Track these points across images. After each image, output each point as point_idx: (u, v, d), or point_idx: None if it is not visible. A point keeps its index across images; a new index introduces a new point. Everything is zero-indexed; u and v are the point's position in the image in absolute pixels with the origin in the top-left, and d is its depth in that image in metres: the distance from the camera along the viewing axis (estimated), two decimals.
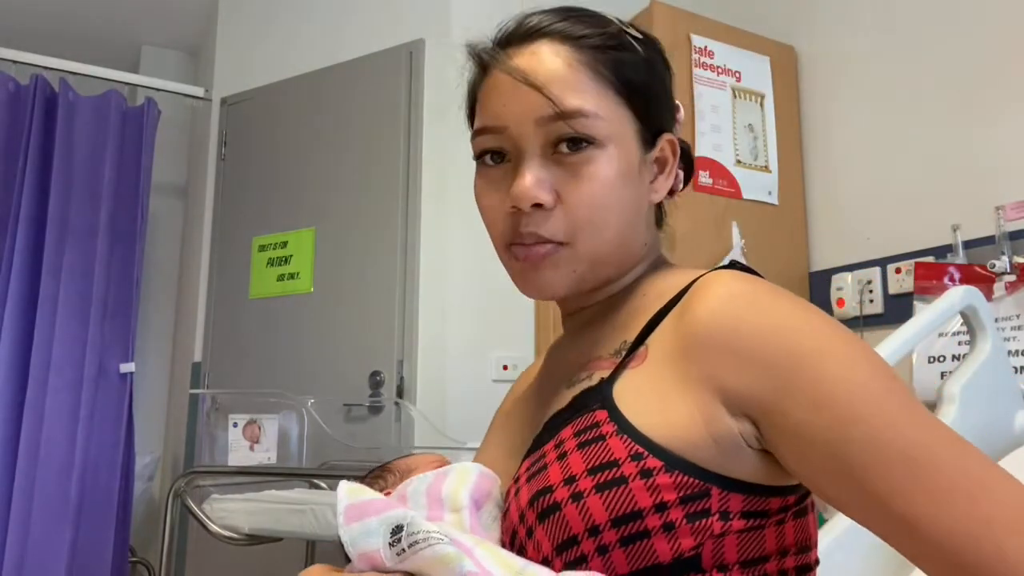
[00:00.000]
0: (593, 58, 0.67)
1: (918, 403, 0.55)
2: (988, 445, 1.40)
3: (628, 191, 0.67)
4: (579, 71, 0.66)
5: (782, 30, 2.29)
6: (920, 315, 1.44)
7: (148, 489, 2.93)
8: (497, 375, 2.28)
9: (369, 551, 0.57)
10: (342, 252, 2.50)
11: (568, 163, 0.65)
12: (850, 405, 0.53)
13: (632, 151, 0.68)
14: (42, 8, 3.14)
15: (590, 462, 0.57)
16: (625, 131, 0.67)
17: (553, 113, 0.64)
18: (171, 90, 2.92)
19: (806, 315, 0.59)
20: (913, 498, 0.51)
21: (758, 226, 2.10)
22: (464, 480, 0.65)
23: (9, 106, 2.64)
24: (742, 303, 0.59)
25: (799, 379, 0.55)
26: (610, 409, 0.60)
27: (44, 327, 2.50)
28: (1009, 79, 1.80)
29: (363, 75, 2.56)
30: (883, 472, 0.52)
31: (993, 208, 1.78)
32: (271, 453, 2.27)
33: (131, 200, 2.70)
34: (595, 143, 0.65)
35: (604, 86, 0.66)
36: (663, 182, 0.72)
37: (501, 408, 0.89)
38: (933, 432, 0.53)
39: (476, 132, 0.71)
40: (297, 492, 1.98)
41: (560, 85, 0.65)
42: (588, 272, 0.68)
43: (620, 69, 0.67)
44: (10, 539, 2.32)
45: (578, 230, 0.65)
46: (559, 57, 0.66)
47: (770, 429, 0.56)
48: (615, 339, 0.68)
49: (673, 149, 0.72)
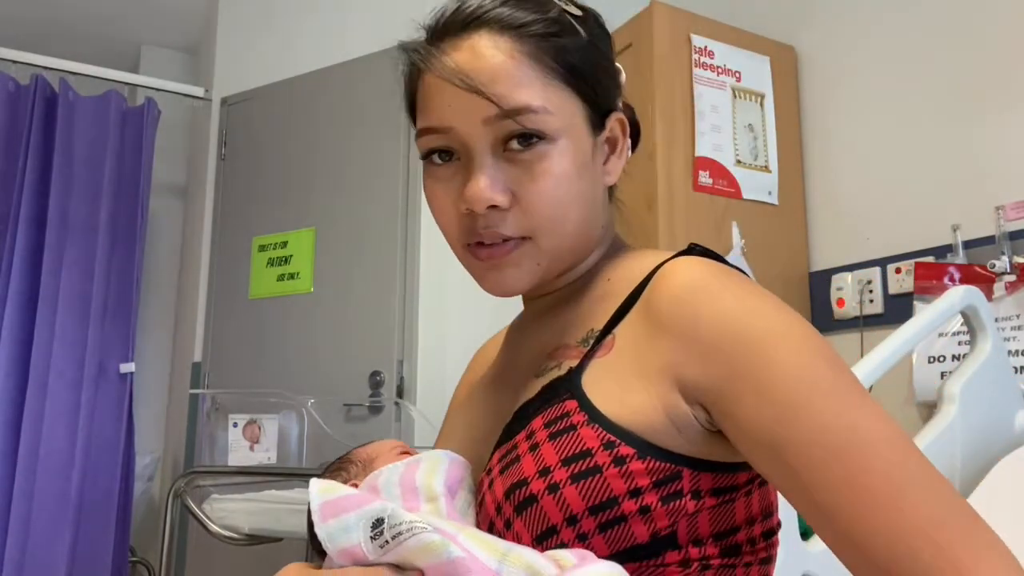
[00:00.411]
0: (536, 47, 0.63)
1: (866, 396, 0.55)
2: (988, 445, 1.40)
3: (584, 181, 0.66)
4: (522, 63, 0.63)
5: (782, 30, 2.29)
6: (920, 315, 1.45)
7: (148, 489, 2.93)
8: None
9: (349, 547, 0.57)
10: (342, 252, 2.50)
11: (520, 160, 0.63)
12: (794, 392, 0.54)
13: (584, 139, 0.66)
14: (42, 8, 3.14)
15: (563, 452, 0.58)
16: (575, 121, 0.65)
17: (499, 112, 0.62)
18: (171, 90, 2.92)
19: (759, 302, 0.58)
20: (838, 492, 0.51)
21: (758, 226, 2.10)
22: (436, 468, 0.65)
23: (9, 106, 2.64)
24: (699, 292, 0.59)
25: (747, 364, 0.55)
26: (579, 399, 0.60)
27: (44, 327, 2.50)
28: (1009, 79, 1.80)
29: (363, 75, 2.56)
30: (815, 463, 0.52)
31: (993, 208, 1.78)
32: (271, 453, 2.27)
33: (131, 200, 2.70)
34: (546, 138, 0.63)
35: (550, 76, 0.64)
36: (615, 163, 0.71)
37: (457, 394, 0.88)
38: (873, 428, 0.52)
39: (420, 132, 0.67)
40: (297, 492, 1.98)
41: (504, 81, 0.62)
42: (551, 265, 0.67)
43: (564, 56, 0.64)
44: (10, 539, 2.32)
45: (537, 227, 0.64)
46: (499, 50, 0.63)
47: (719, 414, 0.57)
48: (582, 327, 0.67)
49: (623, 127, 0.71)
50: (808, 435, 0.52)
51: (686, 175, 2.01)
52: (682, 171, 2.00)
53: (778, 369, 0.55)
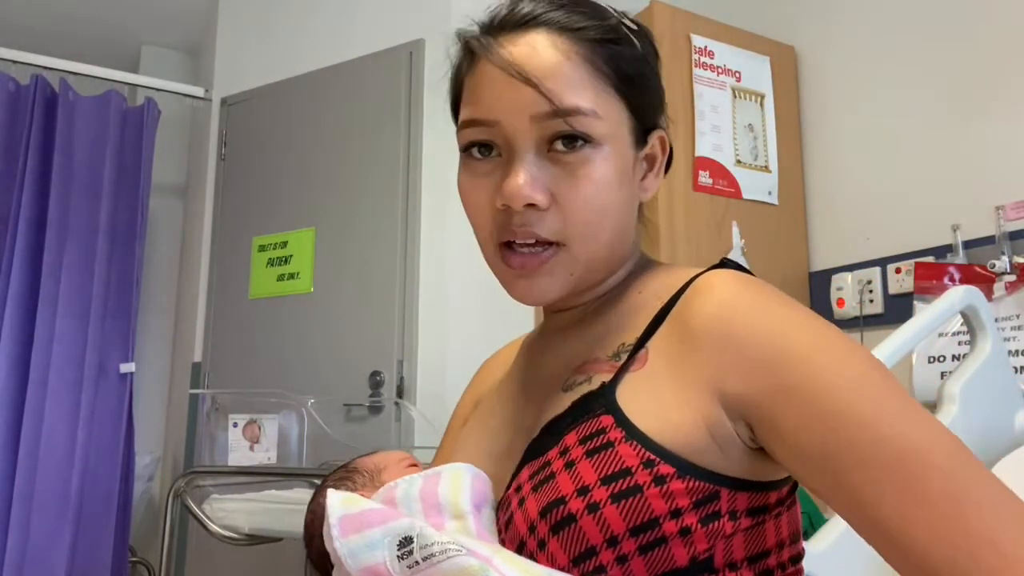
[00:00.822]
0: (592, 52, 0.63)
1: (915, 404, 0.54)
2: (988, 445, 1.40)
3: (623, 192, 0.65)
4: (578, 65, 0.63)
5: (782, 30, 2.29)
6: (920, 315, 1.44)
7: (148, 489, 2.93)
8: None
9: (373, 564, 0.55)
10: (342, 252, 2.50)
11: (564, 162, 0.62)
12: (844, 403, 0.53)
13: (627, 150, 0.66)
14: (42, 8, 3.14)
15: (602, 471, 0.56)
16: (621, 130, 0.65)
17: (550, 110, 0.61)
18: (171, 90, 2.92)
19: (799, 316, 0.58)
20: (896, 504, 0.50)
21: (758, 226, 2.10)
22: (460, 483, 0.63)
23: (9, 106, 2.64)
24: (738, 306, 0.58)
25: (793, 377, 0.55)
26: (615, 414, 0.58)
27: (44, 327, 2.50)
28: (1009, 79, 1.80)
29: (363, 75, 2.56)
30: (870, 475, 0.51)
31: (993, 208, 1.78)
32: (271, 453, 2.27)
33: (131, 200, 2.70)
34: (592, 142, 0.62)
35: (603, 82, 0.63)
36: (652, 180, 0.71)
37: (460, 409, 0.86)
38: (929, 437, 0.52)
39: (464, 124, 0.66)
40: (297, 492, 1.98)
41: (558, 80, 0.61)
42: (583, 275, 0.66)
43: (618, 64, 0.64)
44: (10, 539, 2.32)
45: (574, 232, 0.63)
46: (557, 49, 0.63)
47: (766, 430, 0.56)
48: (612, 341, 0.66)
49: (663, 146, 0.71)
50: (861, 447, 0.51)
51: (686, 175, 2.01)
52: (682, 171, 2.00)
53: (825, 381, 0.54)
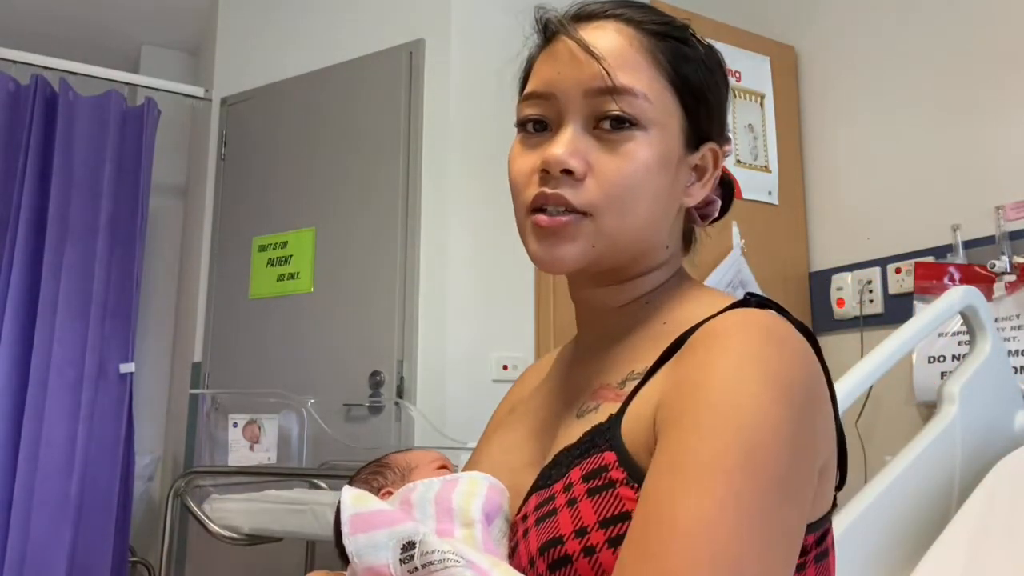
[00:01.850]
0: (654, 43, 0.67)
1: (762, 513, 0.50)
2: (988, 445, 1.40)
3: (662, 179, 0.66)
4: (638, 51, 0.66)
5: (782, 30, 2.29)
6: (920, 315, 1.45)
7: (148, 489, 2.93)
8: (497, 375, 2.28)
9: (377, 565, 0.56)
10: (342, 252, 2.50)
11: (607, 139, 0.65)
12: (685, 455, 0.52)
13: (674, 143, 0.67)
14: (42, 8, 3.14)
15: (601, 513, 0.56)
16: (670, 121, 0.66)
17: (604, 86, 0.64)
18: (171, 90, 2.92)
19: (756, 369, 0.55)
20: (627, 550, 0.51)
21: (758, 226, 2.10)
22: (475, 492, 0.63)
23: (9, 106, 2.64)
24: (713, 340, 0.58)
25: (681, 412, 0.55)
26: (618, 451, 0.58)
27: (44, 327, 2.50)
28: (1009, 79, 1.80)
29: (363, 75, 2.56)
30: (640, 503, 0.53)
31: (993, 208, 1.78)
32: (271, 453, 2.27)
33: (131, 200, 2.70)
34: (638, 124, 0.64)
35: (659, 71, 0.66)
36: (698, 189, 0.70)
37: (497, 412, 0.86)
38: (704, 521, 0.49)
39: (524, 97, 0.70)
40: (297, 492, 1.98)
41: (616, 61, 0.65)
42: (606, 251, 0.66)
43: (679, 60, 0.67)
44: (10, 539, 2.32)
45: (605, 204, 0.64)
46: (621, 35, 0.66)
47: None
48: (623, 366, 0.66)
49: (715, 160, 0.71)
50: (653, 501, 0.52)
51: None
52: None
53: (689, 427, 0.53)
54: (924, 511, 1.33)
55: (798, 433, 0.54)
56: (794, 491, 0.53)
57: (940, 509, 1.34)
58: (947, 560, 1.22)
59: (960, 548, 1.23)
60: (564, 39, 0.67)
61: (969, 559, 1.21)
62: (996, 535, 1.23)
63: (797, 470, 0.53)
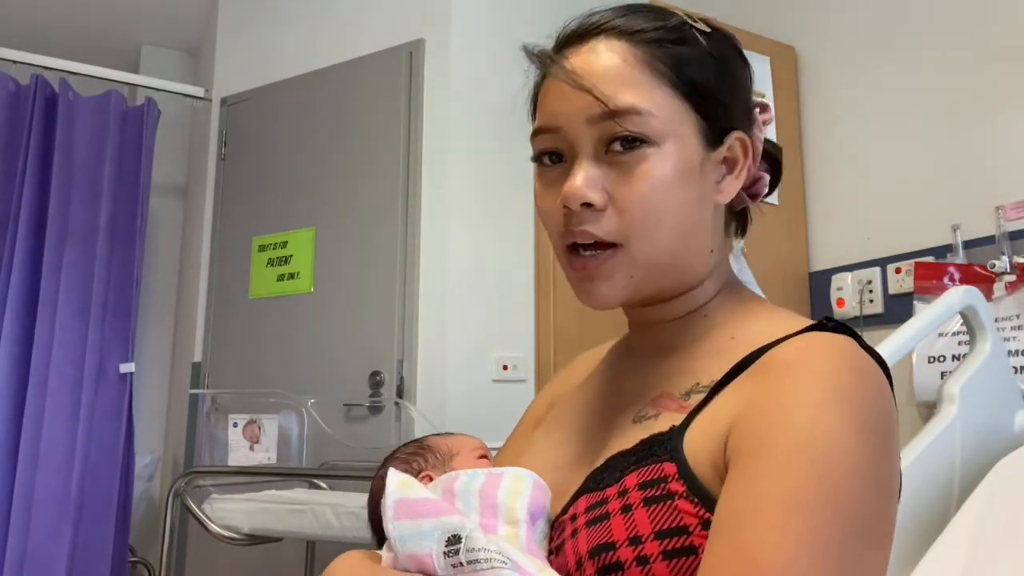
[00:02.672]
0: (650, 54, 0.64)
1: (835, 554, 0.49)
2: (988, 445, 1.40)
3: (686, 191, 0.64)
4: (634, 67, 0.64)
5: (782, 30, 2.29)
6: (920, 315, 1.44)
7: (148, 489, 2.93)
8: (497, 375, 2.28)
9: (420, 554, 0.56)
10: (342, 252, 2.50)
11: (621, 162, 0.63)
12: (762, 492, 0.51)
13: (692, 149, 0.65)
14: (42, 8, 3.14)
15: (657, 524, 0.55)
16: (684, 128, 0.64)
17: (603, 111, 0.63)
18: (171, 90, 2.92)
19: (834, 403, 0.54)
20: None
21: (758, 226, 2.09)
22: (520, 489, 0.63)
23: (9, 106, 2.64)
24: (793, 367, 0.57)
25: (755, 449, 0.54)
26: (679, 463, 0.57)
27: (44, 327, 2.50)
28: (1009, 79, 1.80)
29: (363, 75, 2.56)
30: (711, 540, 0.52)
31: (993, 208, 1.78)
32: (271, 453, 2.27)
33: (131, 200, 2.70)
34: (649, 141, 0.63)
35: (661, 82, 0.64)
36: (731, 183, 0.69)
37: (535, 407, 0.85)
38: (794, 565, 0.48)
39: (534, 132, 0.69)
40: (297, 492, 1.98)
41: (613, 82, 0.63)
42: (645, 278, 0.65)
43: (679, 64, 0.65)
44: (10, 539, 2.32)
45: (631, 230, 0.63)
46: (615, 53, 0.64)
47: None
48: (688, 378, 0.64)
49: (744, 148, 0.69)
50: (733, 536, 0.50)
51: None
52: None
53: (768, 460, 0.52)
54: (924, 511, 1.33)
55: (879, 469, 0.53)
56: (874, 529, 0.52)
57: (940, 509, 1.34)
58: (947, 560, 1.22)
59: (960, 548, 1.23)
60: (562, 64, 0.65)
61: (969, 559, 1.21)
62: (996, 535, 1.23)
63: (877, 508, 0.53)
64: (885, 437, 0.55)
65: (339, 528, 1.70)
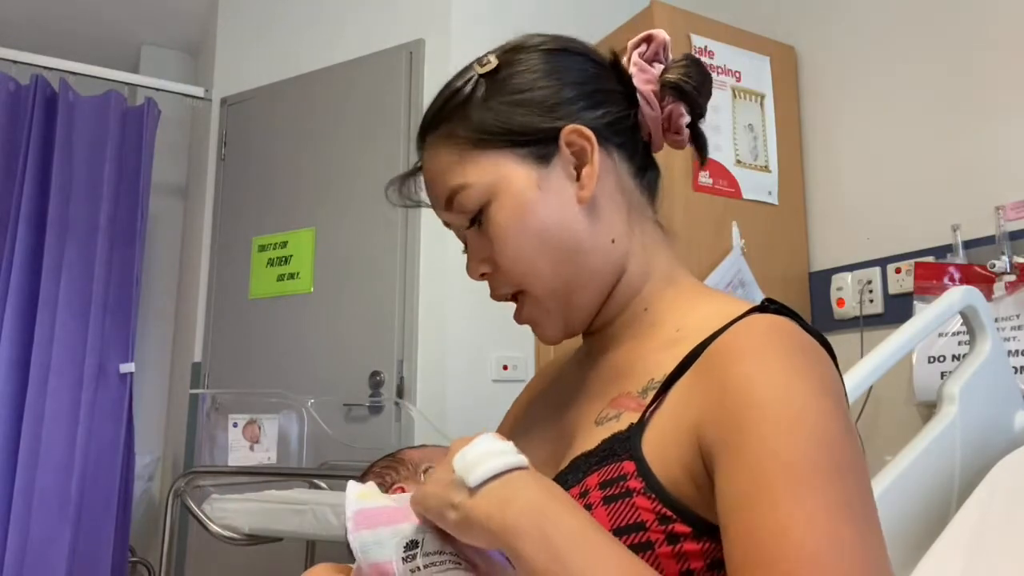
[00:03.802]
0: (447, 130, 0.70)
1: (838, 510, 0.50)
2: (988, 445, 1.40)
3: (538, 217, 0.67)
4: (439, 154, 0.70)
5: (782, 30, 2.29)
6: (920, 315, 1.44)
7: (148, 489, 2.93)
8: (497, 375, 2.28)
9: (381, 562, 0.56)
10: (342, 252, 2.50)
11: (481, 231, 0.70)
12: (761, 469, 0.51)
13: (520, 181, 0.67)
14: (42, 8, 3.14)
15: (616, 521, 0.56)
16: (502, 171, 0.68)
17: (443, 205, 0.71)
18: (171, 90, 2.92)
19: (788, 370, 0.56)
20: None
21: (758, 226, 2.10)
22: None
23: (9, 106, 2.64)
24: (739, 351, 0.58)
25: (737, 429, 0.54)
26: (638, 461, 0.58)
27: (44, 327, 2.50)
28: (1010, 79, 1.80)
29: (363, 75, 2.56)
30: (730, 530, 0.52)
31: (993, 208, 1.78)
32: (271, 453, 2.27)
33: (131, 200, 2.70)
34: (484, 206, 0.68)
35: (462, 148, 0.69)
36: (589, 173, 0.68)
37: (518, 401, 0.86)
38: (810, 540, 0.48)
39: None
40: (297, 492, 1.98)
41: (438, 180, 0.71)
42: (562, 306, 0.70)
43: (469, 123, 0.69)
44: (10, 539, 2.32)
45: (518, 280, 0.69)
46: (431, 154, 0.72)
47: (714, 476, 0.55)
48: (642, 375, 0.65)
49: (583, 136, 0.67)
50: (749, 517, 0.50)
51: (686, 175, 2.01)
52: (682, 171, 2.00)
53: (757, 441, 0.52)
54: (924, 511, 1.33)
55: (849, 424, 0.56)
56: (864, 474, 0.54)
57: (940, 509, 1.34)
58: (947, 560, 1.22)
59: (960, 548, 1.23)
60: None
61: (969, 559, 1.21)
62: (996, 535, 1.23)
63: (858, 456, 0.55)
64: (842, 398, 0.58)
65: (339, 528, 1.70)
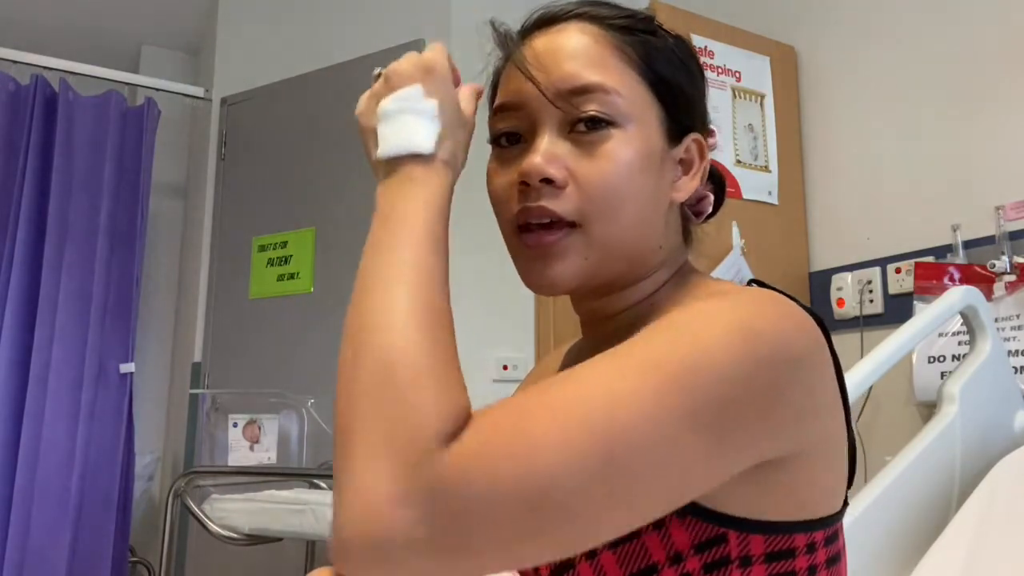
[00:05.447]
0: (620, 39, 0.64)
1: (671, 402, 0.47)
2: (988, 445, 1.40)
3: (647, 178, 0.63)
4: (604, 47, 0.63)
5: (782, 30, 2.29)
6: (920, 315, 1.45)
7: (148, 489, 2.93)
8: (497, 375, 2.28)
9: None
10: (342, 252, 2.50)
11: (585, 141, 0.62)
12: (625, 349, 0.51)
13: (654, 137, 0.64)
14: (42, 8, 3.14)
15: None
16: (647, 115, 0.64)
17: (574, 87, 0.62)
18: (171, 90, 2.92)
19: (730, 309, 0.54)
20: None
21: (758, 226, 2.10)
22: None
23: (9, 106, 2.64)
24: (703, 301, 0.58)
25: (645, 330, 0.53)
26: None
27: (44, 327, 2.50)
28: (1010, 79, 1.80)
29: (363, 75, 2.55)
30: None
31: (993, 208, 1.78)
32: (271, 453, 2.27)
33: (131, 200, 2.70)
34: (614, 123, 0.61)
35: (629, 66, 0.63)
36: (687, 183, 0.67)
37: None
38: (624, 401, 0.47)
39: (494, 111, 0.68)
40: (297, 492, 1.98)
41: (581, 60, 0.62)
42: (599, 262, 0.62)
43: (648, 54, 0.65)
44: (10, 539, 2.32)
45: (591, 210, 0.61)
46: (585, 34, 0.64)
47: None
48: None
49: (701, 151, 0.68)
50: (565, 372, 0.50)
51: None
52: None
53: (637, 337, 0.52)
54: (924, 511, 1.33)
55: (748, 382, 0.49)
56: (715, 429, 0.48)
57: (940, 509, 1.34)
58: (947, 560, 1.22)
59: (960, 548, 1.23)
60: (528, 45, 0.65)
61: (969, 559, 1.21)
62: (996, 535, 1.23)
63: (728, 413, 0.48)
64: (772, 358, 0.51)
65: None
